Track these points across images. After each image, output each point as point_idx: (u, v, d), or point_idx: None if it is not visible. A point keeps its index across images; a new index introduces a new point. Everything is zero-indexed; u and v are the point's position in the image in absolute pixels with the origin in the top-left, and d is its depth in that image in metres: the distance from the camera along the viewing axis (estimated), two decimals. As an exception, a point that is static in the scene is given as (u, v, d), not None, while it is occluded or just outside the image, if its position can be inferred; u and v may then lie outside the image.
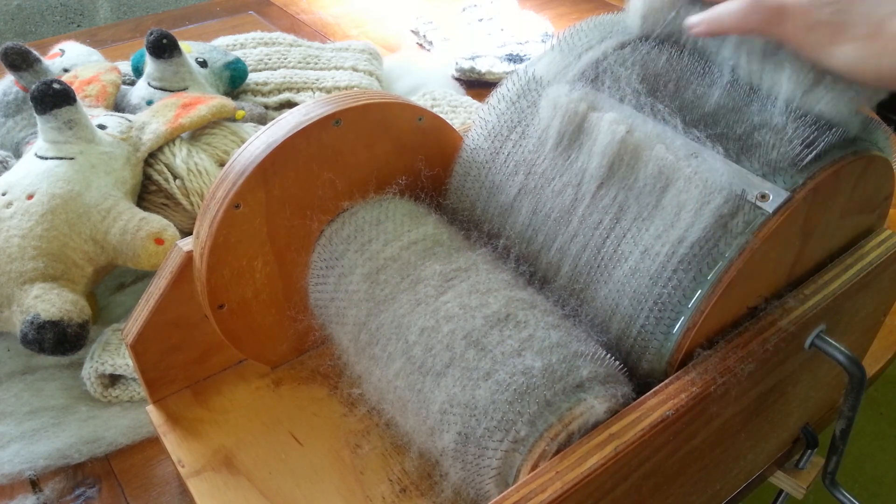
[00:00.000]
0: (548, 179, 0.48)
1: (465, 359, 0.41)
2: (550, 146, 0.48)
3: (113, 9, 1.72)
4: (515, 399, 0.38)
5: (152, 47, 0.76)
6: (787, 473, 0.57)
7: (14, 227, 0.58)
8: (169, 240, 0.61)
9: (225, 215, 0.45)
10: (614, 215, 0.45)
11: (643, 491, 0.41)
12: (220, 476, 0.49)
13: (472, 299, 0.43)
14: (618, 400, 0.39)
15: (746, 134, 0.43)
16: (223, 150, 0.71)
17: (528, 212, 0.49)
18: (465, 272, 0.45)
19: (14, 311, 0.57)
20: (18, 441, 0.56)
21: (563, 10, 1.31)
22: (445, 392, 0.40)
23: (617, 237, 0.44)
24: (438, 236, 0.48)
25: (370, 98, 0.48)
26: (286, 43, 1.02)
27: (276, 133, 0.46)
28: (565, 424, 0.38)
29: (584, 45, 0.50)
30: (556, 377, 0.39)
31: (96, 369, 0.58)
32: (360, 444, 0.51)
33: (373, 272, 0.47)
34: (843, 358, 0.45)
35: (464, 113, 0.93)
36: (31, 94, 0.62)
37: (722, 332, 0.43)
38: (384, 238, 0.48)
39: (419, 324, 0.43)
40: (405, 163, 0.52)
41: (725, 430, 0.45)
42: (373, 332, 0.45)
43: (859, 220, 0.49)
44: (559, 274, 0.47)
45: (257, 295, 0.51)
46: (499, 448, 0.38)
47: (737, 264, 0.40)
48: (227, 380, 0.55)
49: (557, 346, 0.40)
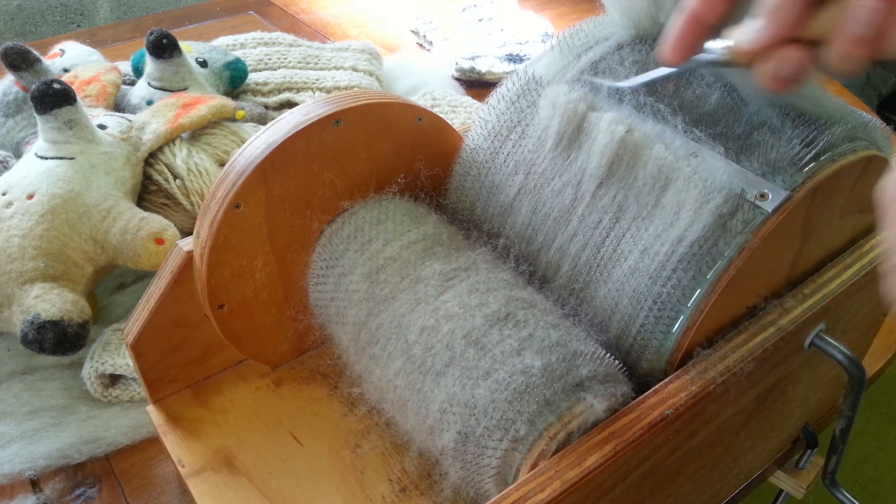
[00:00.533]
0: (547, 179, 0.48)
1: (464, 358, 0.41)
2: (550, 146, 0.48)
3: (113, 9, 1.72)
4: (515, 398, 0.38)
5: (152, 47, 0.76)
6: (787, 473, 0.57)
7: (14, 227, 0.58)
8: (169, 240, 0.61)
9: (225, 215, 0.46)
10: (614, 215, 0.45)
11: (642, 490, 0.41)
12: (221, 476, 0.49)
13: (471, 298, 0.43)
14: (617, 399, 0.39)
15: (746, 133, 0.43)
16: (223, 150, 0.71)
17: (527, 211, 0.49)
18: (464, 272, 0.45)
19: (14, 311, 0.57)
20: (18, 441, 0.56)
21: (563, 10, 1.31)
22: (445, 391, 0.40)
23: (616, 236, 0.44)
24: (438, 236, 0.48)
25: (370, 98, 0.48)
26: (286, 43, 1.02)
27: (276, 133, 0.46)
28: (564, 423, 0.38)
29: (584, 45, 0.51)
30: (556, 376, 0.39)
31: (96, 369, 0.58)
32: (360, 444, 0.51)
33: (373, 272, 0.47)
34: (843, 357, 0.45)
35: (464, 113, 0.93)
36: (32, 94, 0.62)
37: (721, 332, 0.43)
38: (384, 238, 0.48)
39: (419, 323, 0.43)
40: (405, 163, 0.52)
41: (725, 429, 0.45)
42: (373, 332, 0.45)
43: (859, 220, 0.49)
44: (559, 273, 0.47)
45: (257, 295, 0.51)
46: (498, 447, 0.38)
47: (736, 263, 0.40)
48: (227, 380, 0.56)
49: (557, 345, 0.40)
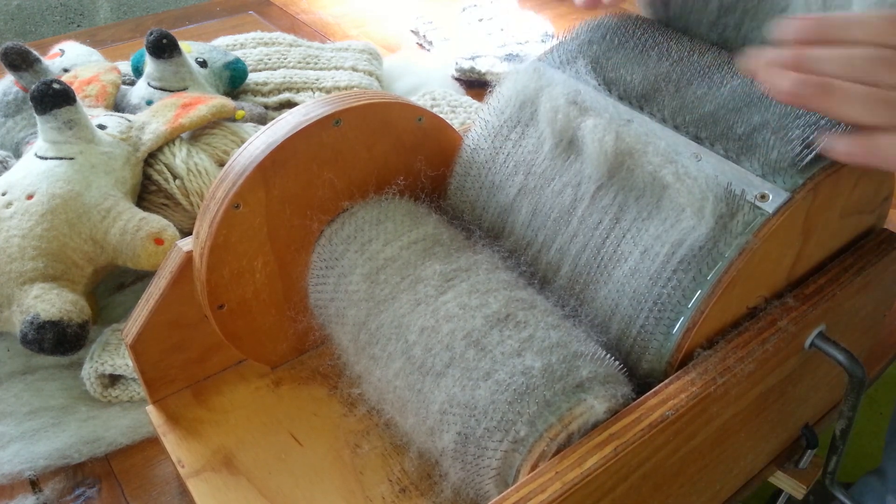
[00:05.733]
0: (547, 179, 0.48)
1: (464, 359, 0.41)
2: (549, 147, 0.48)
3: (113, 9, 1.72)
4: (515, 399, 0.38)
5: (152, 47, 0.76)
6: (787, 473, 0.57)
7: (14, 227, 0.58)
8: (169, 240, 0.61)
9: (225, 215, 0.45)
10: (614, 216, 0.45)
11: (643, 491, 0.41)
12: (220, 476, 0.49)
13: (472, 299, 0.43)
14: (618, 400, 0.39)
15: (746, 134, 0.43)
16: (223, 150, 0.71)
17: (527, 212, 0.49)
18: (465, 272, 0.45)
19: (14, 311, 0.57)
20: (18, 441, 0.55)
21: (563, 10, 1.31)
22: (445, 392, 0.40)
23: (616, 237, 0.44)
24: (438, 236, 0.48)
25: (370, 98, 0.48)
26: (286, 43, 1.02)
27: (275, 133, 0.46)
28: (565, 424, 0.38)
29: (585, 46, 0.51)
30: (556, 377, 0.39)
31: (96, 369, 0.58)
32: (360, 444, 0.51)
33: (372, 272, 0.47)
34: (843, 358, 0.45)
35: (464, 113, 0.93)
36: (31, 94, 0.62)
37: (722, 332, 0.43)
38: (384, 238, 0.48)
39: (419, 323, 0.43)
40: (405, 163, 0.52)
41: (725, 430, 0.45)
42: (372, 332, 0.45)
43: (859, 220, 0.49)
44: (559, 274, 0.47)
45: (257, 295, 0.51)
46: (498, 448, 0.38)
47: (736, 264, 0.40)
48: (226, 380, 0.55)
49: (557, 346, 0.40)
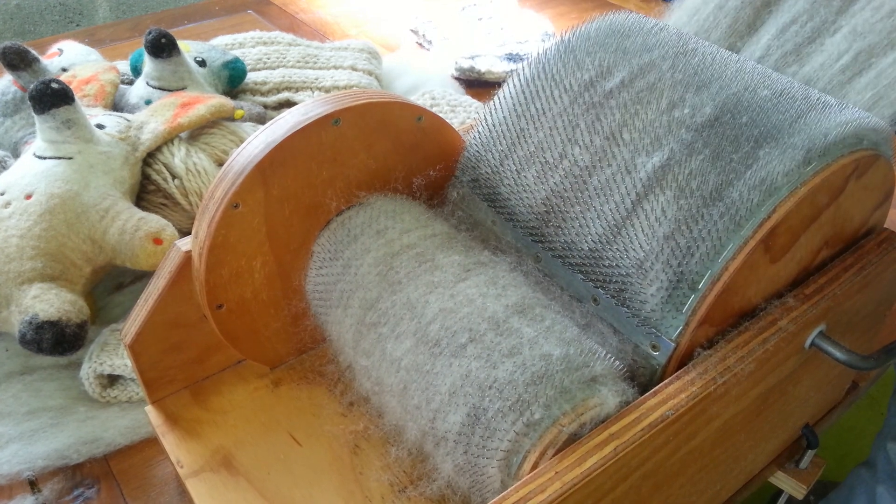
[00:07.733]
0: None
1: (484, 339, 0.41)
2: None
3: (112, 8, 1.72)
4: (533, 381, 0.38)
5: (151, 46, 0.76)
6: (787, 473, 0.57)
7: (12, 227, 0.58)
8: (167, 240, 0.61)
9: (224, 215, 0.45)
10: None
11: (643, 491, 0.41)
12: (219, 476, 0.49)
13: (490, 289, 0.43)
14: (627, 398, 0.39)
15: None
16: (222, 150, 0.71)
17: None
18: (483, 266, 0.45)
19: (12, 312, 0.57)
20: (17, 441, 0.55)
21: (563, 9, 1.31)
22: (459, 371, 0.40)
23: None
24: (456, 235, 0.48)
25: (369, 97, 0.48)
26: (285, 42, 1.02)
27: (274, 132, 0.46)
28: (578, 414, 0.38)
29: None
30: (574, 366, 0.39)
31: (95, 370, 0.58)
32: (360, 444, 0.50)
33: (388, 256, 0.46)
34: (844, 358, 0.45)
35: (463, 112, 0.92)
36: (30, 93, 0.62)
37: (722, 332, 0.43)
38: (401, 227, 0.48)
39: (437, 304, 0.43)
40: (404, 163, 0.52)
41: (725, 430, 0.45)
42: (383, 312, 0.45)
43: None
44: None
45: (256, 295, 0.50)
46: (510, 430, 0.38)
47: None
48: (225, 380, 0.55)
49: (575, 340, 0.41)
